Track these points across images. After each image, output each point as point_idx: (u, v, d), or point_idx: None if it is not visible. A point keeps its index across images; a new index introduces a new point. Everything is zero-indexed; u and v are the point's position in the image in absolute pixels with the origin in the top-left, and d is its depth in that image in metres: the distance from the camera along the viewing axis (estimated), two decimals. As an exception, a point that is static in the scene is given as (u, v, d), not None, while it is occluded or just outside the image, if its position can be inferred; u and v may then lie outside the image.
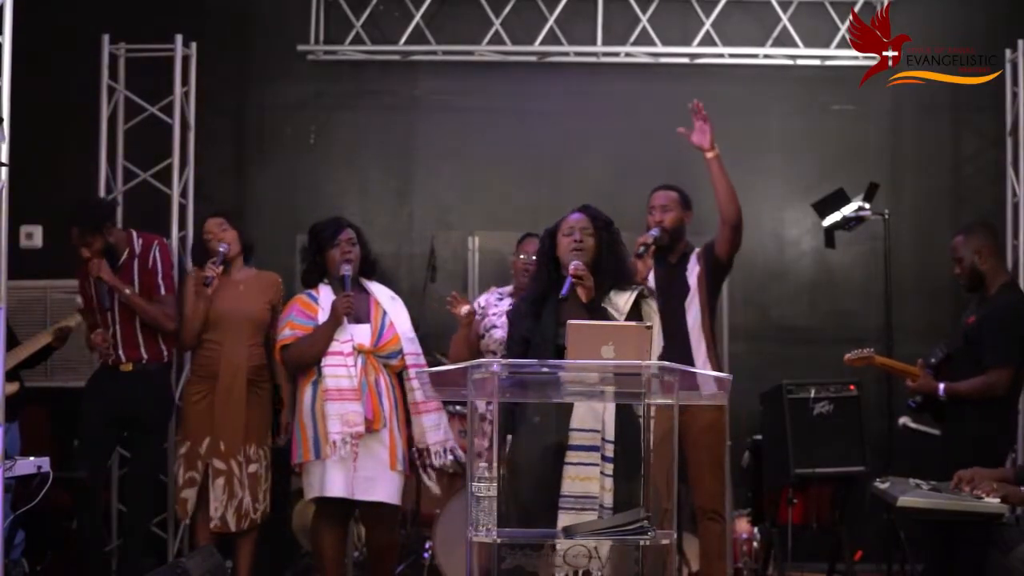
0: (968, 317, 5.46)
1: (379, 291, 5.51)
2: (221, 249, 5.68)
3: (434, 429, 5.39)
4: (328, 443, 5.20)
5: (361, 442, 5.23)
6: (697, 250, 5.45)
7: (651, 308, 4.70)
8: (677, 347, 5.19)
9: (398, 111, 7.34)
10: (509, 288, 5.71)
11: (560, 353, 4.34)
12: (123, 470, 6.37)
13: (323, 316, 5.33)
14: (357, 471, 5.22)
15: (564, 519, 4.39)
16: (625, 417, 4.49)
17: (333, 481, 5.22)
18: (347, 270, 5.34)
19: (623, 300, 4.64)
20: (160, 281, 5.83)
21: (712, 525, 5.33)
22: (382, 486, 5.27)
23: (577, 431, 4.49)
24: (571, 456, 4.48)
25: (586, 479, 4.44)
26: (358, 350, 5.29)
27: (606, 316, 4.60)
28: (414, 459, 5.40)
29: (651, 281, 5.35)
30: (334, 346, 5.28)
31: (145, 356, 5.80)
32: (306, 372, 5.34)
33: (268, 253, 6.15)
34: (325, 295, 5.39)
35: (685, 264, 5.41)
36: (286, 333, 5.36)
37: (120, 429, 5.94)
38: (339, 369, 5.26)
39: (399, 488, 5.35)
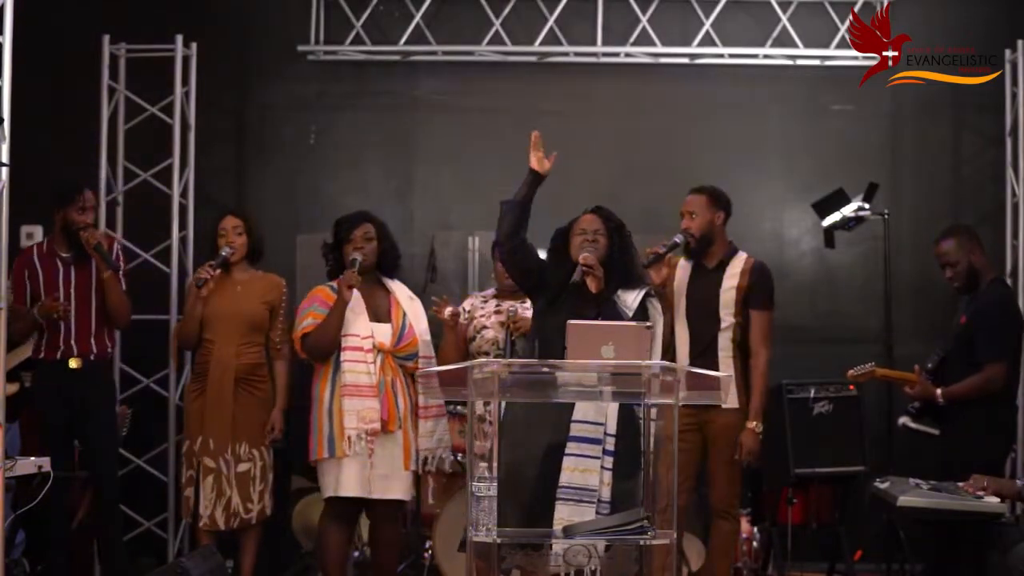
0: (960, 317, 5.47)
1: (400, 291, 5.51)
2: (223, 252, 5.66)
3: (428, 436, 5.39)
4: (344, 439, 5.21)
5: (379, 442, 5.24)
6: (746, 259, 5.37)
7: (656, 309, 4.77)
8: (705, 352, 5.21)
9: (398, 111, 7.34)
10: (491, 291, 5.70)
11: None
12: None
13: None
14: (374, 468, 5.24)
15: (562, 511, 4.42)
16: (628, 411, 4.52)
17: (348, 480, 5.23)
18: (357, 255, 5.34)
19: (631, 297, 4.73)
20: (121, 277, 5.84)
21: (721, 523, 5.35)
22: (396, 484, 5.31)
23: (579, 423, 4.52)
24: (572, 448, 4.50)
25: (586, 471, 4.47)
26: (378, 349, 5.31)
27: (615, 309, 4.66)
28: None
29: (682, 284, 5.35)
30: (354, 341, 5.28)
31: (94, 350, 5.78)
32: (323, 367, 5.33)
33: (268, 253, 6.13)
34: None
35: (723, 270, 5.36)
36: (307, 322, 5.34)
37: (73, 428, 5.87)
38: (358, 365, 5.26)
39: (410, 485, 5.42)
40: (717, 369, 5.12)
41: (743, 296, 5.30)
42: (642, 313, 4.69)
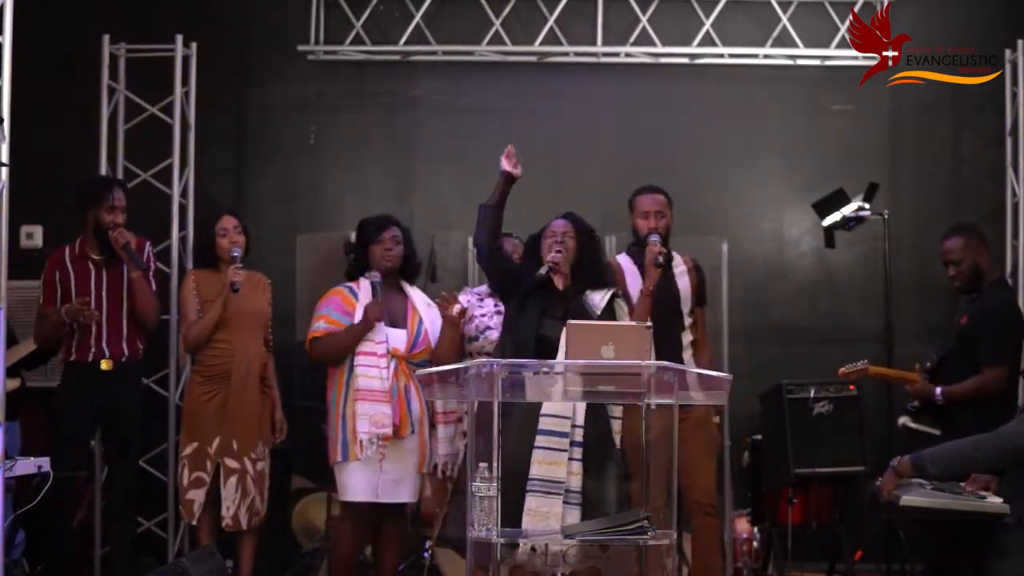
0: (960, 317, 5.45)
1: (417, 296, 5.52)
2: (235, 253, 5.60)
3: (447, 441, 5.41)
4: (356, 443, 5.22)
5: (390, 446, 5.24)
6: (687, 259, 5.43)
7: (623, 310, 4.95)
8: (668, 350, 5.21)
9: (398, 111, 7.34)
10: (485, 288, 5.70)
11: (542, 342, 4.52)
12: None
13: (360, 312, 5.32)
14: (384, 473, 5.24)
15: (531, 502, 4.51)
16: (594, 403, 4.60)
17: (358, 484, 5.25)
18: (376, 277, 5.34)
19: (599, 297, 4.89)
20: (151, 278, 5.82)
21: (708, 520, 5.34)
22: (406, 487, 5.33)
23: (547, 416, 4.60)
24: (540, 441, 4.59)
25: (552, 463, 4.56)
26: (392, 354, 5.30)
27: (583, 307, 4.78)
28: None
29: (634, 283, 5.36)
30: (368, 346, 5.28)
31: (126, 352, 5.75)
32: (337, 370, 5.34)
33: (268, 253, 6.14)
34: (365, 290, 5.37)
35: (669, 269, 5.42)
36: (320, 325, 5.34)
37: (96, 430, 5.87)
38: (371, 370, 5.26)
39: (419, 486, 5.43)
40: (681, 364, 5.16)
41: (696, 294, 5.40)
42: (609, 313, 4.85)
